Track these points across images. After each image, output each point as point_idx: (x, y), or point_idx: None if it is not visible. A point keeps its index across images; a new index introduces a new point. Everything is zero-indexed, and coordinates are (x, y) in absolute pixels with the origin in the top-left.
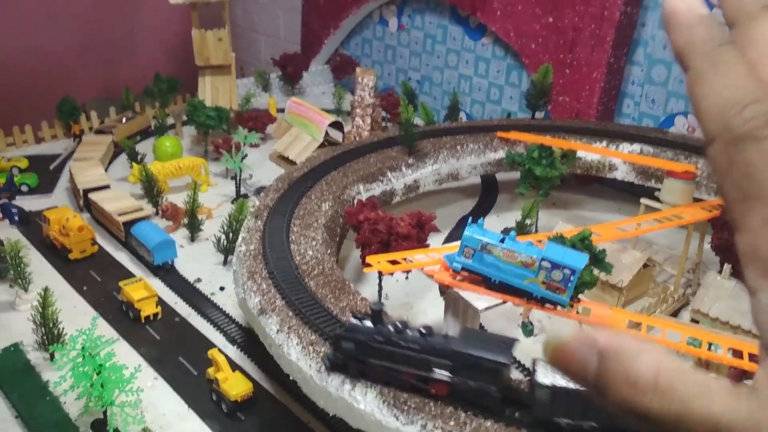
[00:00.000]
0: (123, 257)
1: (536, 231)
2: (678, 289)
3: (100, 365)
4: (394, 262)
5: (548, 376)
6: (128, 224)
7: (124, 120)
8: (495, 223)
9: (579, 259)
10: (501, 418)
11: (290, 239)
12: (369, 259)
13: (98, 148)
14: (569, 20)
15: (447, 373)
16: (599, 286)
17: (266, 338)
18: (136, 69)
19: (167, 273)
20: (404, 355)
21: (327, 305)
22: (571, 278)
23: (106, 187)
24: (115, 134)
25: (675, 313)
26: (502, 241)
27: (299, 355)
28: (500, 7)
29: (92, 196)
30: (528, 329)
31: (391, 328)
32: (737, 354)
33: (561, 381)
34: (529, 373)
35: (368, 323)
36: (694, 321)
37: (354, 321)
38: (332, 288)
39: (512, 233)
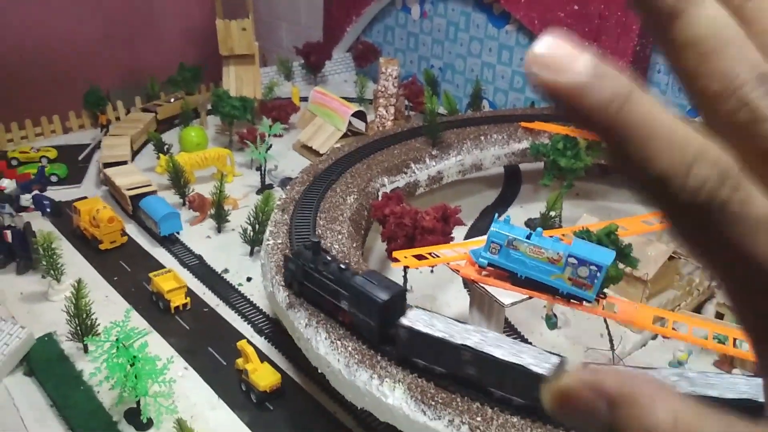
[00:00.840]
0: (152, 248)
1: (560, 222)
2: (703, 282)
3: (134, 357)
4: (420, 257)
5: (411, 321)
6: (136, 198)
7: (172, 100)
8: (518, 214)
9: (606, 256)
10: (377, 350)
11: (317, 233)
12: (396, 254)
13: (136, 125)
14: (595, 8)
15: (347, 304)
16: (624, 279)
17: (294, 331)
18: (160, 58)
19: (197, 265)
20: (324, 284)
21: None
22: (598, 275)
23: (124, 163)
24: (158, 113)
25: (700, 306)
26: (529, 237)
27: (328, 349)
28: None
29: (107, 170)
30: (552, 322)
31: (322, 260)
32: None
33: (420, 326)
34: None
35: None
36: (719, 314)
37: (302, 248)
38: None
39: (538, 229)
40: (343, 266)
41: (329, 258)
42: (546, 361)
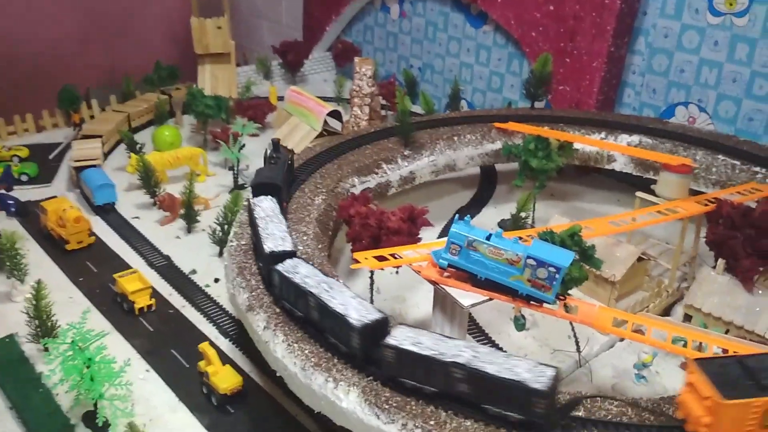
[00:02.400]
0: (120, 247)
1: (533, 223)
2: (673, 283)
3: (90, 359)
4: (381, 258)
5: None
6: (79, 170)
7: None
8: (493, 214)
9: (564, 257)
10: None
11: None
12: (356, 255)
13: (107, 125)
14: (570, 9)
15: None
16: (593, 280)
17: (254, 334)
18: (140, 56)
19: (165, 266)
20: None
21: None
22: (556, 276)
23: (98, 136)
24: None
25: (669, 308)
26: (488, 238)
27: (284, 352)
28: None
29: (74, 143)
30: (520, 323)
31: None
32: (725, 353)
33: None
34: None
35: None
36: (687, 316)
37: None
38: None
39: (498, 230)
40: None
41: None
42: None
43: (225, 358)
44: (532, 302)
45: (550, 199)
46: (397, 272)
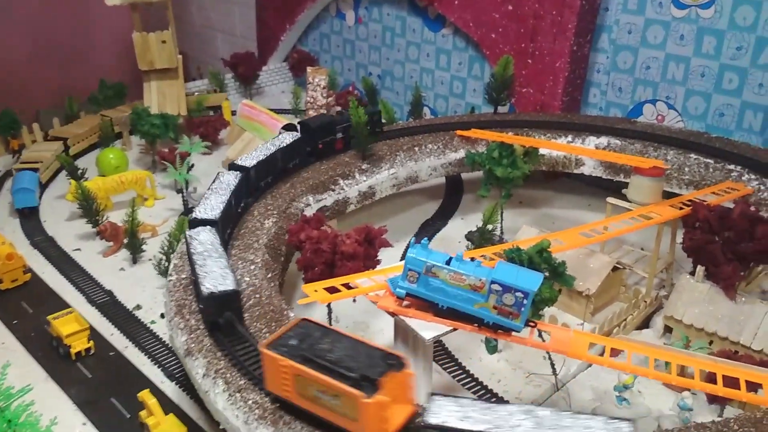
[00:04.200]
0: (59, 283)
1: (501, 234)
2: (650, 292)
3: (9, 420)
4: (333, 290)
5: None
6: (18, 171)
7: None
8: (460, 226)
9: (532, 281)
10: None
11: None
12: (305, 288)
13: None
14: (529, 8)
15: None
16: (567, 294)
17: (194, 381)
18: (92, 75)
19: (107, 303)
20: None
21: (261, 341)
22: (524, 302)
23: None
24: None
25: (648, 318)
26: (449, 262)
27: (225, 403)
28: None
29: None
30: (491, 345)
31: None
32: (711, 377)
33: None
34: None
35: None
36: (668, 328)
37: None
38: (268, 320)
39: (459, 253)
40: None
41: None
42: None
43: (170, 405)
44: (499, 331)
45: (519, 207)
46: (354, 300)
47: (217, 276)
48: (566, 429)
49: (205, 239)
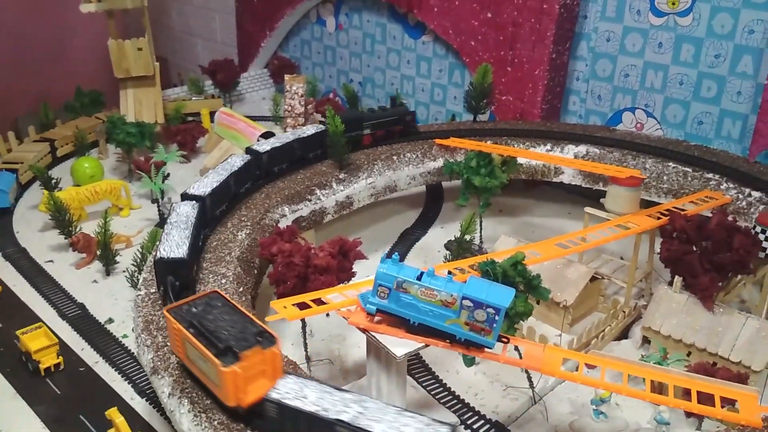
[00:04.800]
0: (30, 296)
1: (481, 243)
2: (629, 302)
3: None
4: (303, 306)
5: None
6: None
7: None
8: (440, 235)
9: (503, 296)
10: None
11: (198, 278)
12: (274, 304)
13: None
14: (508, 15)
15: None
16: (545, 305)
17: (161, 401)
18: (71, 81)
19: (78, 316)
20: None
21: None
22: (496, 318)
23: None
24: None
25: (627, 329)
26: (420, 277)
27: (190, 424)
28: (437, 3)
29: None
30: (468, 358)
31: None
32: (686, 393)
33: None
34: None
35: None
36: (646, 339)
37: None
38: None
39: (430, 268)
40: None
41: None
42: None
43: (140, 423)
44: (472, 347)
45: (499, 216)
46: (327, 315)
47: (173, 245)
48: (384, 422)
49: (182, 211)
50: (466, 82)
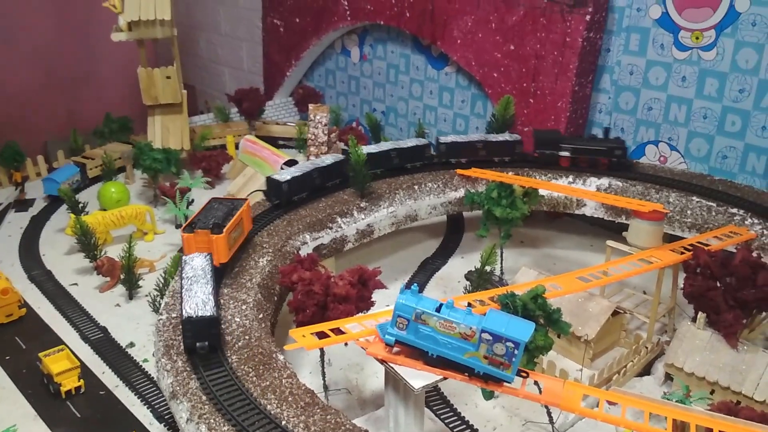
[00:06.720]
0: (54, 319)
1: (502, 274)
2: (651, 337)
3: None
4: (322, 335)
5: None
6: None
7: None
8: (459, 265)
9: (523, 330)
10: None
11: (218, 304)
12: (293, 333)
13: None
14: (531, 48)
15: None
16: (566, 339)
17: (179, 426)
18: (101, 107)
19: (100, 339)
20: None
21: (247, 385)
22: (515, 352)
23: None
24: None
25: (649, 365)
26: (439, 309)
27: None
28: (460, 36)
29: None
30: (488, 391)
31: None
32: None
33: None
34: None
35: None
36: (668, 376)
37: None
38: (256, 363)
39: (449, 300)
40: None
41: None
42: None
43: None
44: (490, 381)
45: (520, 247)
46: (346, 344)
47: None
48: None
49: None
50: (488, 113)
